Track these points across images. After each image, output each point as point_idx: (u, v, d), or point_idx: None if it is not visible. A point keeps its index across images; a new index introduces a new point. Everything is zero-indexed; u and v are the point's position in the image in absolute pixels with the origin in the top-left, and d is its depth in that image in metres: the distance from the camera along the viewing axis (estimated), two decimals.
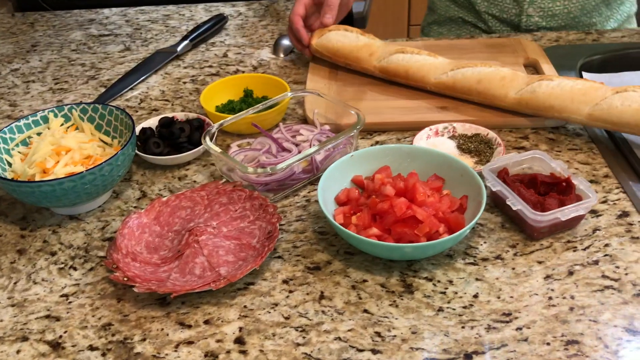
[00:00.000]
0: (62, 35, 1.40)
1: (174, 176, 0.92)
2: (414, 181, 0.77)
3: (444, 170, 0.82)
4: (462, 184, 0.80)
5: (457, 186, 0.81)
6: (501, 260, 0.75)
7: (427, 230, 0.73)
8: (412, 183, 0.77)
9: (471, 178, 0.79)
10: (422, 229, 0.73)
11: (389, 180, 0.79)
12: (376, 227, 0.75)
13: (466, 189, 0.79)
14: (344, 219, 0.77)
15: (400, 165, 0.84)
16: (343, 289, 0.72)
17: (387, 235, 0.74)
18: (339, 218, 0.77)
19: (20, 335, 0.69)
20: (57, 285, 0.75)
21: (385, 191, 0.77)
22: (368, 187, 0.81)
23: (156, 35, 1.38)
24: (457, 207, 0.77)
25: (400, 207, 0.74)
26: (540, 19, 1.28)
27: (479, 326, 0.67)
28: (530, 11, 1.27)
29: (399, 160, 0.84)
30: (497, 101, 0.97)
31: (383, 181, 0.79)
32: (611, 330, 0.66)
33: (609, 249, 0.75)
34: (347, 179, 0.84)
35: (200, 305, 0.71)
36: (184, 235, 0.77)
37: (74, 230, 0.83)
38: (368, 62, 1.08)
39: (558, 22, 1.29)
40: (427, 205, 0.75)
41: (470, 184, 0.79)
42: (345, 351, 0.65)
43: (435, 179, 0.82)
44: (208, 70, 1.21)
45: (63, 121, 0.91)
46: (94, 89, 1.17)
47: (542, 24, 1.29)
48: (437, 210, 0.75)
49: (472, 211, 0.77)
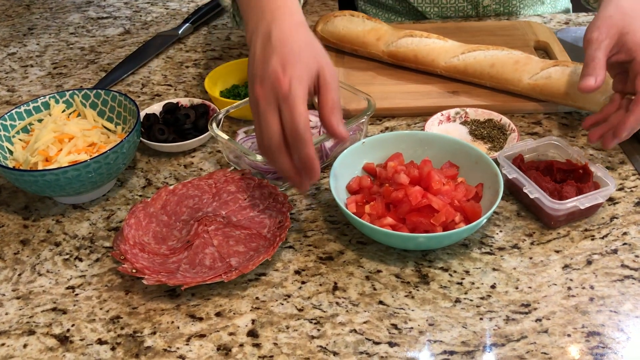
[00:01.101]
0: (60, 18, 1.37)
1: (179, 164, 0.90)
2: (428, 169, 0.75)
3: (458, 158, 0.80)
4: (477, 171, 0.78)
5: (471, 174, 0.79)
6: (518, 249, 0.73)
7: (443, 220, 0.71)
8: (427, 171, 0.75)
9: (487, 165, 0.77)
10: (438, 218, 0.71)
11: (402, 168, 0.77)
12: (390, 216, 0.73)
13: (481, 176, 0.77)
14: (357, 207, 0.75)
15: (413, 152, 0.82)
16: (357, 279, 0.70)
17: (401, 224, 0.72)
18: (352, 207, 0.75)
19: (27, 328, 0.67)
20: (63, 277, 0.73)
21: (400, 179, 0.74)
22: (380, 175, 0.79)
23: (156, 18, 1.34)
24: (473, 196, 0.75)
25: (415, 195, 0.72)
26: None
27: (497, 317, 0.65)
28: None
29: (412, 147, 0.82)
30: (510, 86, 0.95)
31: (397, 169, 0.77)
32: (633, 322, 0.64)
33: (627, 237, 0.74)
34: (359, 166, 0.82)
35: (211, 297, 0.69)
36: (192, 225, 0.75)
37: (78, 220, 0.81)
38: (376, 47, 1.05)
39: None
40: (442, 193, 0.73)
41: (485, 172, 0.76)
42: (362, 344, 0.63)
43: (450, 167, 0.80)
44: (211, 54, 1.19)
45: (65, 107, 0.89)
46: (94, 74, 1.14)
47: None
48: (453, 198, 0.73)
49: (488, 199, 0.75)
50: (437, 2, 1.24)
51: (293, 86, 0.64)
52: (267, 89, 0.65)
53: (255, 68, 0.67)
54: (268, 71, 0.65)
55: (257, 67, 0.67)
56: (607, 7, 0.80)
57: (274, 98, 0.65)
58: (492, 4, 1.23)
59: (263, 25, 0.70)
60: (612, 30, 0.78)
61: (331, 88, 0.68)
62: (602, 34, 0.78)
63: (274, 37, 0.67)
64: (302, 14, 0.74)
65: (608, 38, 0.78)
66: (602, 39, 0.78)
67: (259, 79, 0.66)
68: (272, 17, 0.70)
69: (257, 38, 0.69)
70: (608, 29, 0.78)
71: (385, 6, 1.30)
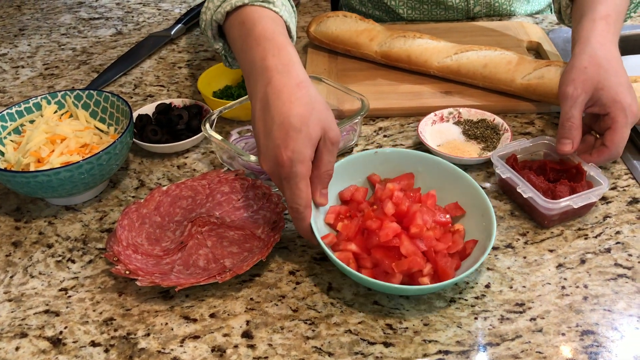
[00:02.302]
0: (51, 19, 1.36)
1: (172, 164, 0.89)
2: (415, 209, 0.68)
3: (468, 202, 0.73)
4: (478, 223, 0.70)
5: (474, 225, 0.71)
6: (512, 249, 0.73)
7: (404, 268, 0.64)
8: (413, 211, 0.68)
9: (489, 222, 0.68)
10: (400, 264, 0.65)
11: (398, 194, 0.70)
12: (359, 242, 0.68)
13: (480, 232, 0.69)
14: (335, 219, 0.72)
15: (425, 177, 0.76)
16: (351, 280, 0.70)
17: (365, 255, 0.67)
18: (330, 217, 0.72)
19: (19, 331, 0.66)
20: (55, 278, 0.72)
21: (385, 208, 0.69)
22: (377, 192, 0.74)
23: (148, 19, 1.34)
24: (459, 250, 0.68)
25: (387, 232, 0.65)
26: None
27: (492, 317, 0.65)
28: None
29: (427, 171, 0.76)
30: (503, 86, 0.95)
31: (392, 194, 0.71)
32: (626, 320, 0.64)
33: (620, 236, 0.74)
34: (364, 175, 0.78)
35: (205, 298, 0.69)
36: (186, 226, 0.74)
37: (70, 221, 0.80)
38: (368, 48, 1.05)
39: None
40: (422, 238, 0.67)
41: (486, 229, 0.69)
42: (357, 344, 0.63)
43: (453, 209, 0.73)
44: (203, 55, 1.18)
45: (57, 108, 0.88)
46: (86, 75, 1.14)
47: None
48: (431, 247, 0.66)
49: (475, 257, 0.67)
50: (427, 15, 1.24)
51: (294, 166, 0.65)
52: (271, 164, 0.67)
53: (258, 138, 0.68)
54: (270, 147, 0.66)
55: (260, 138, 0.68)
56: (581, 57, 0.80)
57: (277, 175, 0.67)
58: (483, 9, 1.23)
59: (261, 86, 0.69)
60: (587, 85, 0.78)
61: (329, 151, 0.68)
62: (577, 89, 0.78)
63: (273, 107, 0.66)
64: (300, 62, 0.72)
65: (584, 93, 0.78)
66: (578, 95, 0.78)
67: (263, 155, 0.67)
68: (268, 78, 0.69)
69: (256, 102, 0.69)
70: (583, 83, 0.78)
71: (373, 17, 1.30)
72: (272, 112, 0.66)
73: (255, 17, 0.76)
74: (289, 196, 0.66)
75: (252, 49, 0.73)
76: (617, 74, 0.79)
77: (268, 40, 0.72)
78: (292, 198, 0.66)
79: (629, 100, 0.77)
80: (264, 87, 0.69)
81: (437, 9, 1.23)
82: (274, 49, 0.71)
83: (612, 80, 0.78)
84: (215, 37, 0.85)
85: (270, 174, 0.68)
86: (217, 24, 0.82)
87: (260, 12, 0.77)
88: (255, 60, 0.71)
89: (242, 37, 0.75)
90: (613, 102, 0.77)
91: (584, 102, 0.78)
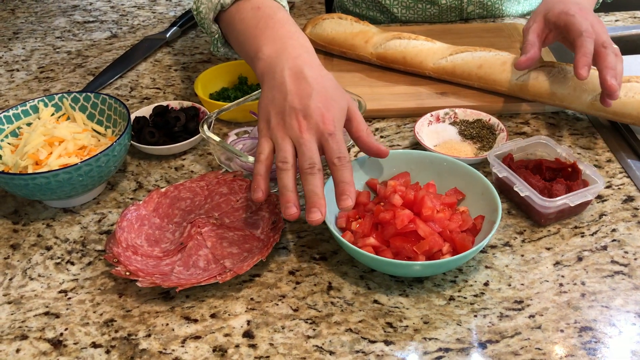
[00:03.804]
0: (45, 22, 1.36)
1: (170, 166, 0.89)
2: (423, 193, 0.71)
3: (467, 185, 0.76)
4: (481, 202, 0.74)
5: (476, 204, 0.75)
6: (510, 247, 0.74)
7: (426, 249, 0.67)
8: (421, 196, 0.71)
9: (491, 198, 0.72)
10: (421, 246, 0.67)
11: (401, 188, 0.73)
12: (376, 237, 0.70)
13: (484, 208, 0.73)
14: (347, 222, 0.74)
15: (422, 173, 0.79)
16: (351, 279, 0.71)
17: (385, 247, 0.69)
18: (341, 221, 0.74)
19: (19, 333, 0.66)
20: (55, 281, 0.72)
21: (393, 200, 0.71)
22: (380, 192, 0.76)
23: (143, 22, 1.34)
24: (470, 227, 0.71)
25: (402, 219, 0.68)
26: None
27: (491, 314, 0.66)
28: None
29: (422, 168, 0.79)
30: (497, 86, 0.96)
31: (395, 188, 0.73)
32: (624, 316, 0.65)
33: (616, 234, 0.75)
34: (362, 181, 0.79)
35: (205, 299, 0.69)
36: (185, 227, 0.75)
37: (69, 223, 0.80)
38: (364, 50, 1.06)
39: None
40: (434, 220, 0.70)
41: (489, 204, 0.72)
42: (358, 343, 0.63)
43: (455, 193, 0.76)
44: (199, 57, 1.18)
45: (54, 111, 0.88)
46: (81, 77, 1.14)
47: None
48: (445, 227, 0.70)
49: (485, 232, 0.71)
50: (421, 15, 1.25)
51: (337, 127, 0.71)
52: (312, 123, 0.70)
53: (292, 101, 0.71)
54: (311, 107, 0.70)
55: (294, 100, 0.71)
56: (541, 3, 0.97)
57: (316, 132, 0.70)
58: (476, 9, 1.24)
59: (289, 60, 0.75)
60: (538, 16, 0.94)
61: (360, 119, 0.76)
62: (530, 20, 0.95)
63: (309, 76, 0.73)
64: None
65: (535, 22, 0.93)
66: (530, 25, 0.94)
67: (302, 113, 0.70)
68: (298, 53, 0.76)
69: (284, 71, 0.73)
70: (535, 15, 0.95)
71: (367, 17, 1.31)
72: (310, 80, 0.72)
73: (273, 5, 0.85)
74: (336, 149, 0.69)
75: (276, 28, 0.80)
76: (567, 2, 0.91)
77: (293, 25, 0.82)
78: (340, 150, 0.69)
79: (571, 7, 0.89)
80: (293, 60, 0.74)
81: (432, 8, 1.24)
82: (299, 34, 0.80)
83: (558, 4, 0.91)
84: (213, 20, 0.90)
85: (307, 131, 0.69)
86: (220, 8, 0.88)
87: (274, 3, 0.86)
88: (283, 37, 0.79)
89: (260, 18, 0.82)
90: (559, 14, 0.89)
91: (537, 30, 0.93)
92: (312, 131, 0.70)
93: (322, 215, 0.66)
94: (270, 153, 0.71)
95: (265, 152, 0.71)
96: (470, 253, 0.66)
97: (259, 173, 0.70)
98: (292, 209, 0.67)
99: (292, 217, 0.67)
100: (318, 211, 0.66)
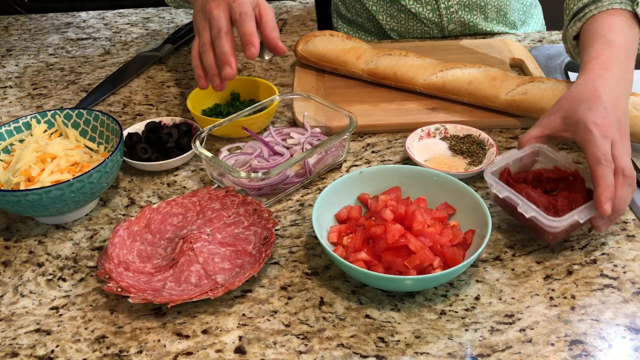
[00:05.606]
0: (39, 39, 1.37)
1: (162, 182, 0.90)
2: (414, 208, 0.72)
3: (457, 200, 0.77)
4: (472, 216, 0.74)
5: (466, 218, 0.75)
6: (500, 261, 0.74)
7: (417, 263, 0.68)
8: (412, 210, 0.72)
9: (481, 213, 0.73)
10: (412, 260, 0.68)
11: (392, 203, 0.74)
12: (368, 251, 0.71)
13: (474, 222, 0.74)
14: (338, 237, 0.74)
15: (411, 188, 0.80)
16: (343, 294, 0.71)
17: (376, 261, 0.70)
18: (333, 236, 0.74)
19: (10, 351, 0.66)
20: (46, 297, 0.72)
21: (384, 215, 0.72)
22: (371, 207, 0.76)
23: (136, 39, 1.35)
24: (460, 241, 0.72)
25: (393, 234, 0.69)
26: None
27: (482, 328, 0.66)
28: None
29: (413, 183, 0.80)
30: (487, 102, 0.97)
31: (386, 203, 0.74)
32: (614, 329, 0.66)
33: (605, 247, 0.76)
34: (353, 196, 0.80)
35: (197, 315, 0.69)
36: (177, 243, 0.75)
37: (61, 240, 0.80)
38: (355, 66, 1.07)
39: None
40: (425, 235, 0.70)
41: (479, 219, 0.73)
42: (349, 357, 0.64)
43: (444, 208, 0.77)
44: (192, 74, 1.19)
45: (46, 127, 0.89)
46: (74, 94, 1.14)
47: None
48: (436, 242, 0.70)
49: (476, 246, 0.71)
50: (404, 25, 1.28)
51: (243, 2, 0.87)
52: (220, 2, 0.87)
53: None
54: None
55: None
56: (563, 94, 0.81)
57: (224, 3, 0.86)
58: (457, 27, 1.26)
59: None
60: (557, 116, 0.79)
61: (268, 13, 0.89)
62: (548, 115, 0.80)
63: None
64: None
65: (550, 121, 0.79)
66: (546, 122, 0.80)
67: (215, 3, 0.87)
68: None
69: None
70: (554, 112, 0.79)
71: (356, 24, 1.35)
72: None
73: None
74: (237, 9, 0.86)
75: None
76: (588, 101, 0.76)
77: None
78: (240, 7, 0.86)
79: (592, 118, 0.74)
80: None
81: (413, 20, 1.26)
82: None
83: (584, 103, 0.76)
84: None
85: (216, 7, 0.86)
86: None
87: None
88: None
89: None
90: (577, 123, 0.75)
91: (549, 125, 0.79)
92: (221, 3, 0.86)
93: (233, 69, 0.87)
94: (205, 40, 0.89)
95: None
96: (461, 267, 0.67)
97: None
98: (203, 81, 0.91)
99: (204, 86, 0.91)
100: (228, 67, 0.87)
